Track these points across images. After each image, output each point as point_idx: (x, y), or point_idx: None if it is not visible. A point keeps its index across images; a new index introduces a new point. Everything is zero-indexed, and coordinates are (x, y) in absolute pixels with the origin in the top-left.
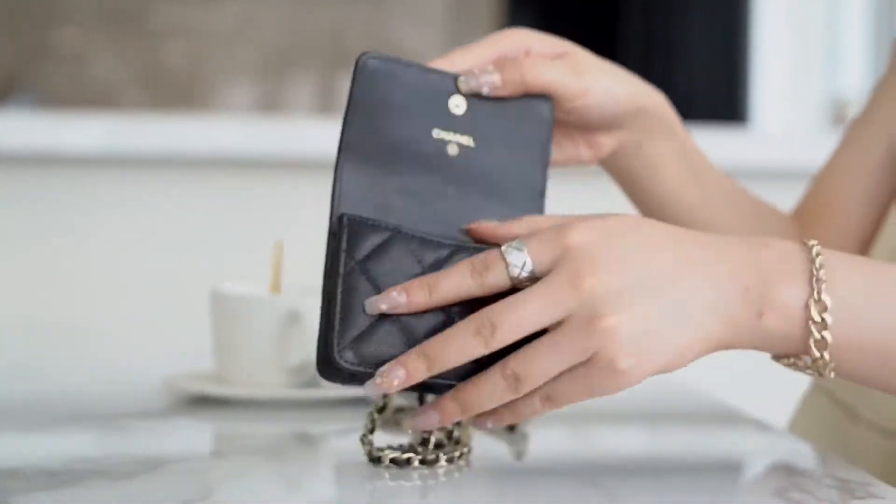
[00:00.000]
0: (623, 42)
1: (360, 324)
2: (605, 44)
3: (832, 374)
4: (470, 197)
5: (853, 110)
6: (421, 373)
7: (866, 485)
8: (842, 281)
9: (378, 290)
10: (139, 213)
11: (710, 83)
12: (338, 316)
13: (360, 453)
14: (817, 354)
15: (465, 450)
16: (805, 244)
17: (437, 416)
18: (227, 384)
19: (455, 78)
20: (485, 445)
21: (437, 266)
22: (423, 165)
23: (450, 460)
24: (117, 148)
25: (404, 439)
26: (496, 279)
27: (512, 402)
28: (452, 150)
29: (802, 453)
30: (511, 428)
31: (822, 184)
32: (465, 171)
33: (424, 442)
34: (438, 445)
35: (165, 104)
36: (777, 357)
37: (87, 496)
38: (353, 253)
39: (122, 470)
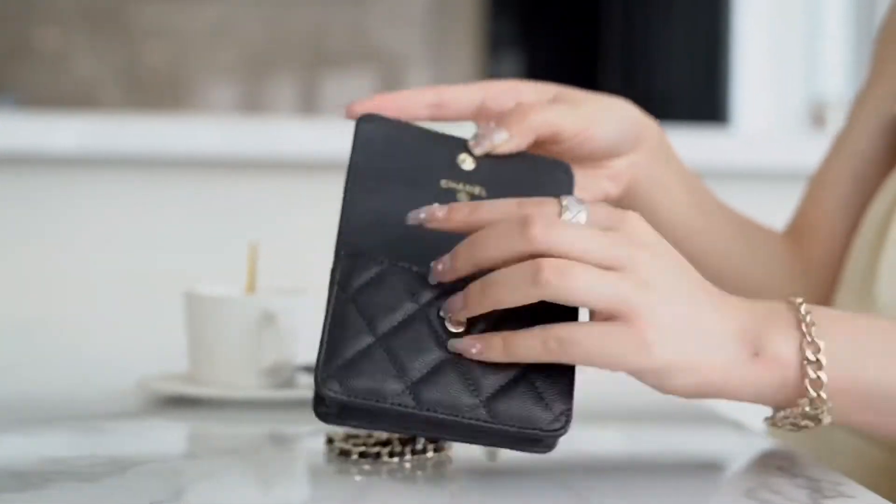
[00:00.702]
0: (604, 43)
1: (347, 353)
2: (586, 46)
3: (829, 419)
4: None
5: (833, 112)
6: (465, 264)
7: (837, 484)
8: (829, 327)
9: (368, 320)
10: (115, 213)
11: (690, 84)
12: (325, 345)
13: (332, 453)
14: (814, 394)
15: (437, 445)
16: (790, 301)
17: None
18: (200, 385)
19: (457, 139)
20: (457, 444)
21: (433, 302)
22: (430, 199)
23: (419, 452)
24: (95, 148)
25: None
26: (545, 212)
27: (514, 336)
28: (462, 199)
29: (775, 454)
30: None
31: (810, 198)
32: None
33: (400, 440)
34: (406, 443)
35: (146, 104)
36: (774, 412)
37: (57, 497)
38: (345, 286)
39: (93, 471)
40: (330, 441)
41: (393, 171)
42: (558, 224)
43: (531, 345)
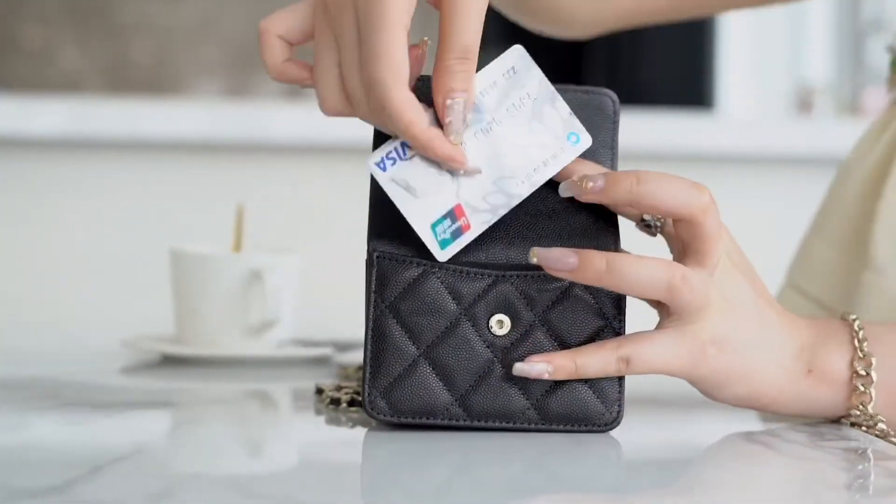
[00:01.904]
0: None
1: (393, 371)
2: None
3: (883, 426)
4: (525, 207)
5: (818, 97)
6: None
7: (837, 429)
8: (883, 342)
9: (410, 333)
10: (101, 195)
11: (676, 69)
12: (369, 363)
13: (317, 410)
14: (862, 409)
15: None
16: (845, 317)
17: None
18: (186, 345)
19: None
20: None
21: (475, 302)
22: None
23: None
24: (79, 131)
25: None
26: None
27: (584, 355)
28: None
29: None
30: None
31: None
32: None
33: None
34: None
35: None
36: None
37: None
38: (382, 293)
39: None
40: (319, 391)
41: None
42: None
43: (602, 365)
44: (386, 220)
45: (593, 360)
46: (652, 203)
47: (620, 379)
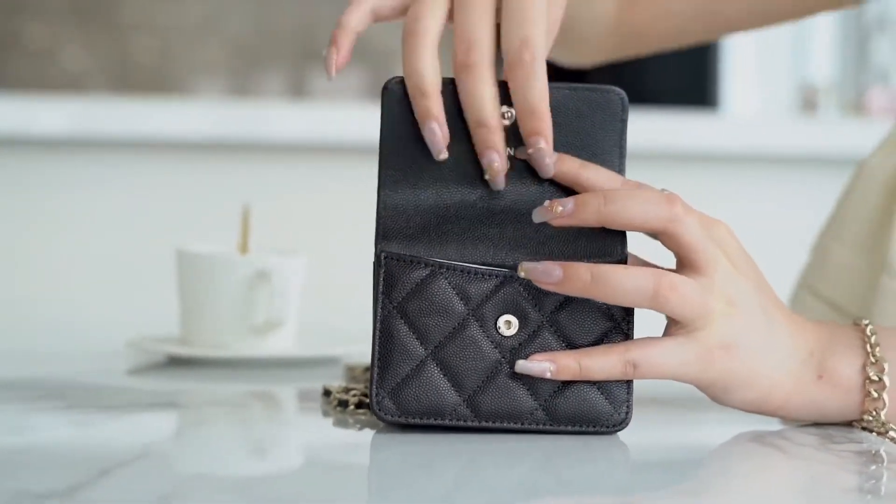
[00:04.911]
0: None
1: (400, 371)
2: None
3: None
4: (530, 205)
5: (823, 96)
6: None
7: (847, 432)
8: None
9: (417, 333)
10: (105, 194)
11: (680, 69)
12: (376, 364)
13: (325, 412)
14: (874, 415)
15: None
16: (857, 322)
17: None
18: (192, 346)
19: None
20: None
21: (483, 302)
22: (472, 178)
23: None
24: (84, 131)
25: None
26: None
27: (590, 357)
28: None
29: None
30: None
31: None
32: (521, 179)
33: None
34: None
35: (133, 98)
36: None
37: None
38: (390, 294)
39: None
40: (327, 393)
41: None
42: (692, 211)
43: (608, 367)
44: (394, 222)
45: (599, 363)
46: (622, 222)
47: (629, 380)
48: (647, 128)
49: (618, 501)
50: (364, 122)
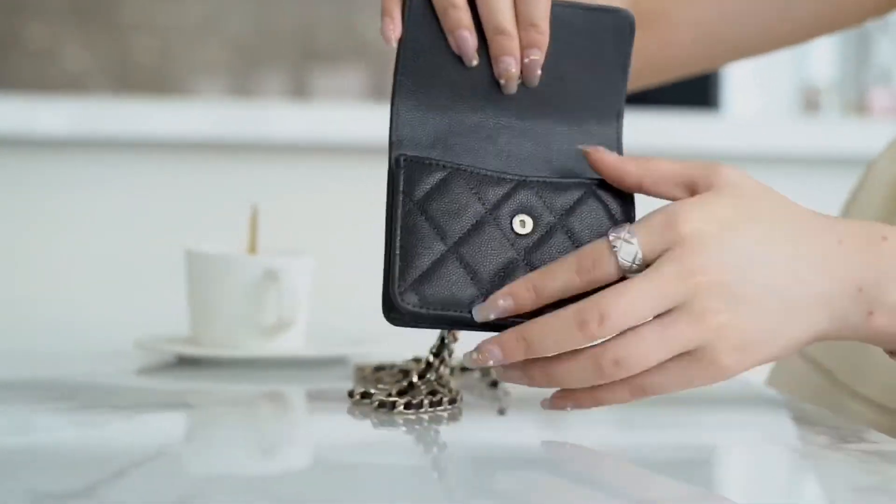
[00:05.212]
0: None
1: (422, 264)
2: None
3: None
4: (537, 123)
5: (824, 96)
6: (518, 355)
7: (858, 431)
8: None
9: (438, 229)
10: (109, 195)
11: None
12: (398, 258)
13: (336, 411)
14: None
15: (453, 396)
16: None
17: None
18: (201, 346)
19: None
20: (466, 399)
21: (499, 203)
22: (483, 96)
23: (435, 404)
24: (86, 131)
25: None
26: (605, 273)
27: (597, 387)
28: None
29: (790, 405)
30: (494, 384)
31: None
32: (531, 96)
33: (410, 386)
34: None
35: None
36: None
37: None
38: (411, 193)
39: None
40: (366, 395)
41: (442, 56)
42: (617, 309)
43: (614, 389)
44: (409, 130)
45: (609, 393)
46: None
47: None
48: (648, 128)
49: (627, 503)
50: (365, 121)
